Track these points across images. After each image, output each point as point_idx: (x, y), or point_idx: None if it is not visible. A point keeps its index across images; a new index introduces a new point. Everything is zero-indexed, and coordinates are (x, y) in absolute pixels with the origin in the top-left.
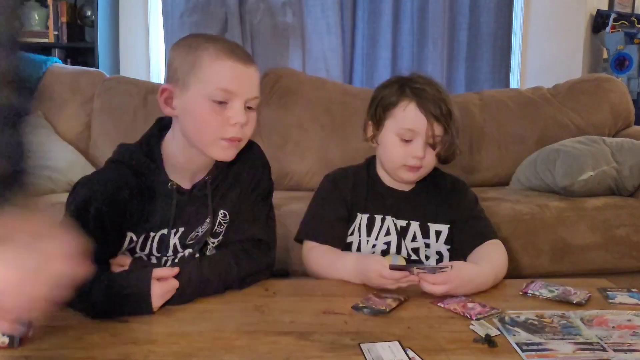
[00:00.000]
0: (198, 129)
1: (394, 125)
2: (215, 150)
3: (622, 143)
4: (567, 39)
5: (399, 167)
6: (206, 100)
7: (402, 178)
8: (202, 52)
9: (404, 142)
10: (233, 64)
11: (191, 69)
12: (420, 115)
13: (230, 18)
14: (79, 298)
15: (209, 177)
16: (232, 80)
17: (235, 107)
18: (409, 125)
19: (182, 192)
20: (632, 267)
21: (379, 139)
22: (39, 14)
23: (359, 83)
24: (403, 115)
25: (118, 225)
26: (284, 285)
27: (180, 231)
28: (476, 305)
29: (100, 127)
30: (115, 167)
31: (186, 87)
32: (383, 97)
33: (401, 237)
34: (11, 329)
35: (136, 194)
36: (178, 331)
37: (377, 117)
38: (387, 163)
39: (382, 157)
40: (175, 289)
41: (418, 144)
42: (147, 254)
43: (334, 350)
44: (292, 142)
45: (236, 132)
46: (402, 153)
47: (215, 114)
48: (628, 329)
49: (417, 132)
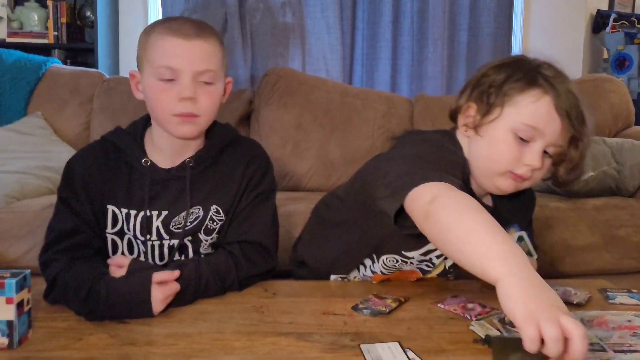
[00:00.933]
0: (153, 109)
1: (514, 117)
2: (172, 128)
3: (623, 143)
4: (567, 39)
5: (501, 173)
6: (155, 80)
7: (498, 187)
8: (150, 34)
9: (520, 142)
10: (174, 39)
11: (144, 52)
12: (555, 115)
13: (230, 18)
14: (77, 302)
15: (190, 161)
16: (174, 57)
17: (183, 83)
18: (535, 122)
19: (158, 171)
20: (633, 267)
21: (484, 130)
22: (38, 14)
23: (359, 83)
24: (532, 109)
25: (100, 194)
26: (284, 286)
27: (164, 214)
28: (476, 306)
29: (99, 128)
30: (101, 142)
31: (142, 70)
32: (502, 78)
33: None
34: None
35: (114, 168)
36: (177, 332)
37: (489, 101)
38: (485, 164)
39: (480, 154)
40: (176, 293)
41: (536, 149)
42: (133, 236)
43: (333, 351)
44: (291, 142)
45: (186, 107)
46: (514, 155)
47: (165, 92)
48: (628, 329)
49: (541, 134)
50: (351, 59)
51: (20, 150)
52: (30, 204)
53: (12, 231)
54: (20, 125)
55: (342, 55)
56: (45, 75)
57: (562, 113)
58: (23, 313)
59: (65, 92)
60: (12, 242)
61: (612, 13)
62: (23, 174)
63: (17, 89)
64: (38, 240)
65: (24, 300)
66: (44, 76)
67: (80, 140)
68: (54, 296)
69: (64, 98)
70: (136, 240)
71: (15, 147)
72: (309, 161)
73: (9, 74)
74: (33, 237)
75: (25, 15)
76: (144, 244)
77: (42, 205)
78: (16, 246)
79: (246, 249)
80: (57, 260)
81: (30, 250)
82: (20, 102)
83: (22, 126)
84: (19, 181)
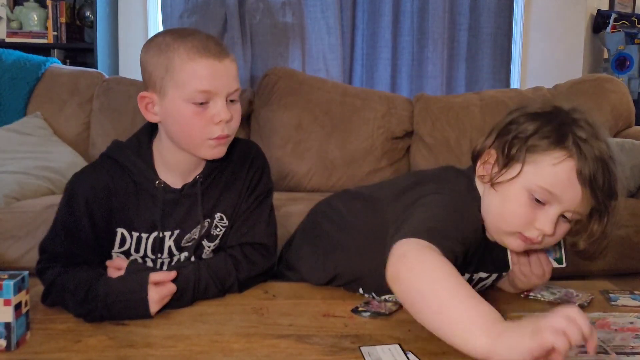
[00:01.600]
0: (183, 133)
1: (532, 177)
2: (204, 151)
3: (623, 143)
4: (567, 39)
5: (511, 233)
6: (186, 104)
7: (507, 245)
8: (172, 54)
9: (535, 204)
10: (207, 61)
11: (165, 73)
12: (575, 182)
13: (229, 18)
14: (76, 303)
15: (200, 177)
16: (209, 80)
17: (218, 106)
18: (552, 186)
19: (171, 191)
20: (633, 268)
21: (499, 186)
22: (38, 14)
23: (359, 83)
24: (551, 171)
25: (106, 217)
26: (284, 288)
27: (176, 234)
28: None
29: (99, 128)
30: (105, 162)
31: (163, 93)
32: (529, 132)
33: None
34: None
35: (122, 190)
36: (176, 334)
37: (509, 154)
38: (494, 220)
39: (490, 209)
40: (172, 293)
41: (550, 214)
42: (142, 256)
43: (333, 354)
44: (291, 143)
45: (222, 129)
46: (527, 217)
47: (199, 116)
48: (630, 331)
49: (558, 199)
50: (351, 59)
51: (20, 151)
52: (30, 205)
53: (12, 231)
54: (20, 125)
55: (342, 55)
56: (44, 75)
57: (584, 181)
58: (21, 315)
59: (64, 92)
60: (11, 243)
61: (612, 13)
62: (23, 174)
63: (16, 89)
64: (38, 241)
65: (21, 302)
66: (43, 76)
67: (80, 140)
68: (52, 299)
69: (63, 98)
70: (144, 259)
71: (15, 147)
72: (309, 161)
73: (8, 74)
74: (33, 237)
75: (24, 15)
76: (153, 261)
77: (42, 206)
78: (16, 247)
79: (247, 250)
80: (53, 267)
81: (29, 251)
82: (20, 102)
83: (22, 126)
84: (19, 181)
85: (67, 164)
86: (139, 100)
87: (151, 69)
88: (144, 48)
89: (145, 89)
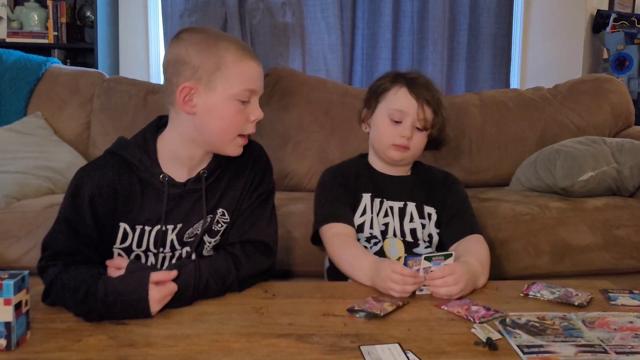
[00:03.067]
0: (222, 128)
1: (385, 107)
2: (231, 148)
3: (623, 143)
4: (567, 39)
5: (388, 147)
6: (233, 100)
7: (390, 157)
8: (224, 53)
9: (394, 123)
10: (254, 63)
11: (216, 69)
12: (411, 98)
13: (230, 18)
14: (76, 302)
15: (205, 172)
16: (255, 80)
17: (255, 105)
18: (399, 106)
19: (176, 185)
20: (633, 267)
21: (372, 121)
22: (38, 14)
23: (359, 83)
24: (394, 98)
25: (110, 213)
26: (284, 287)
27: (178, 227)
28: (480, 309)
29: (99, 128)
30: (110, 158)
31: (211, 87)
32: (378, 85)
33: (401, 217)
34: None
35: (127, 184)
36: (176, 333)
37: (371, 103)
38: (377, 143)
39: (373, 138)
40: (173, 293)
41: (406, 125)
42: (145, 250)
43: (333, 353)
44: (292, 143)
45: (254, 128)
46: (391, 132)
47: (240, 113)
48: (630, 331)
49: (406, 113)
50: (351, 59)
51: (20, 150)
52: (30, 204)
53: (12, 231)
54: (20, 125)
55: (342, 55)
56: (45, 75)
57: (417, 96)
58: (21, 314)
59: (65, 92)
60: (12, 242)
61: (612, 13)
62: (23, 174)
63: (17, 89)
64: (38, 241)
65: (22, 302)
66: (43, 76)
67: (80, 140)
68: (52, 298)
69: (64, 98)
70: (146, 254)
71: (15, 147)
72: (309, 161)
73: (8, 74)
74: (33, 237)
75: (25, 15)
76: (155, 256)
77: (42, 206)
78: (16, 246)
79: (247, 248)
80: (54, 265)
81: (30, 251)
82: (20, 102)
83: (22, 126)
84: (19, 181)
85: (67, 163)
86: (179, 91)
87: (198, 64)
88: (183, 42)
89: (183, 81)
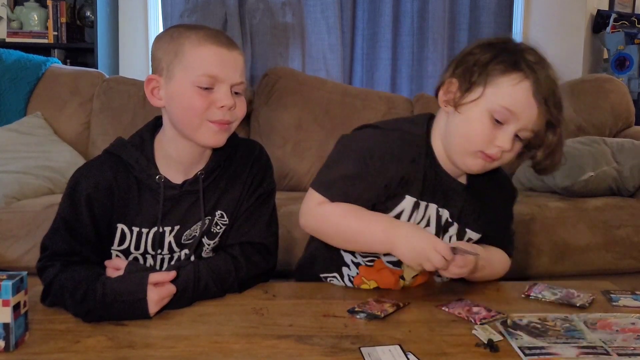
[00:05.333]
0: (184, 114)
1: (493, 99)
2: (204, 135)
3: (623, 143)
4: (567, 39)
5: (472, 152)
6: (192, 87)
7: (467, 165)
8: (184, 40)
9: (494, 124)
10: (217, 48)
11: (174, 57)
12: (532, 101)
13: (230, 18)
14: (75, 303)
15: (202, 173)
16: (216, 65)
17: (222, 91)
18: (512, 105)
19: (172, 187)
20: (633, 267)
21: (463, 108)
22: (38, 14)
23: (359, 83)
24: (509, 92)
25: (107, 214)
26: (284, 288)
27: (176, 229)
28: (481, 310)
29: (99, 128)
30: (107, 158)
31: (170, 76)
32: (486, 59)
33: (440, 232)
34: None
35: (124, 185)
36: (176, 335)
37: (471, 80)
38: (459, 141)
39: (455, 131)
40: (172, 294)
41: (508, 132)
42: (142, 253)
43: (334, 354)
44: (291, 142)
45: (223, 114)
46: (487, 136)
47: (203, 98)
48: (632, 332)
49: (516, 118)
50: (351, 59)
51: (20, 150)
52: (30, 204)
53: (12, 231)
54: (20, 125)
55: (342, 55)
56: (45, 75)
57: (540, 99)
58: (20, 315)
59: (65, 92)
60: (11, 242)
61: (612, 13)
62: (23, 174)
63: (17, 89)
64: (38, 241)
65: (20, 303)
66: (43, 76)
67: (80, 141)
68: (51, 299)
69: (64, 98)
70: (144, 256)
71: (15, 147)
72: (309, 161)
73: (8, 74)
74: (33, 237)
75: (25, 15)
76: (153, 257)
77: (42, 205)
78: (16, 246)
79: (247, 250)
80: (53, 265)
81: (29, 251)
82: (20, 102)
83: (22, 126)
84: (19, 181)
85: (67, 163)
86: (145, 84)
87: (160, 55)
88: (156, 38)
89: (152, 74)
